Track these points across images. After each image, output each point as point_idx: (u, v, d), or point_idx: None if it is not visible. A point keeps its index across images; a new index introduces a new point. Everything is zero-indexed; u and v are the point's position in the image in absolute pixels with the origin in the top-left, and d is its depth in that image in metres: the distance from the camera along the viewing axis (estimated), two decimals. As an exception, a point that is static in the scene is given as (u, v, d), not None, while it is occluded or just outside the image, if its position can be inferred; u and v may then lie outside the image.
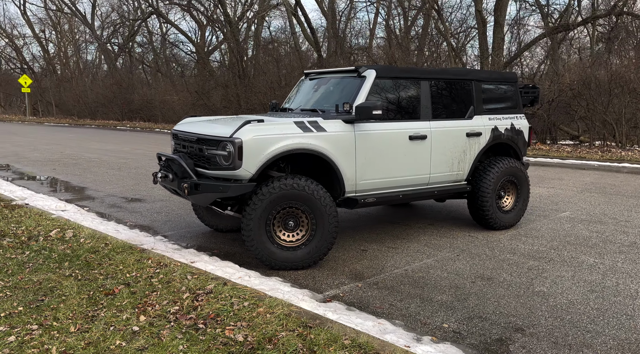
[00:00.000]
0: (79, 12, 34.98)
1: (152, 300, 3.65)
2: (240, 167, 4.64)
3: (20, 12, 38.64)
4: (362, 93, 5.37)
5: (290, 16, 26.00)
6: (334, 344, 3.05)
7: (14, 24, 45.72)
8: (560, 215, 7.27)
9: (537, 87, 7.14)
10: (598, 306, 4.14)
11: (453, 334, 3.64)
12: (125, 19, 32.80)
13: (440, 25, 23.56)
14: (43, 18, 37.82)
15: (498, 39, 22.03)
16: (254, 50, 28.30)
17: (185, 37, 31.06)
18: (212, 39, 33.04)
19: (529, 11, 28.00)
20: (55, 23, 37.91)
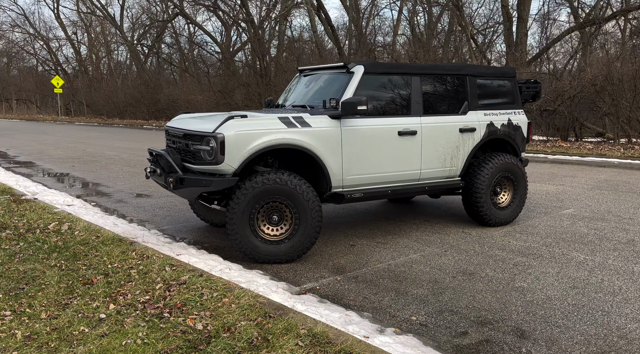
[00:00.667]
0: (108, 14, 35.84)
1: (126, 290, 3.78)
2: (223, 162, 4.74)
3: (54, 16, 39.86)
4: (349, 89, 5.40)
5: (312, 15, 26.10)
6: (289, 333, 3.11)
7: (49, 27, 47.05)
8: (562, 212, 7.15)
9: (538, 82, 7.04)
10: (575, 302, 4.09)
11: (419, 327, 3.66)
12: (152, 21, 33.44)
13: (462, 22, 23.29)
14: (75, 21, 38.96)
15: (521, 35, 21.68)
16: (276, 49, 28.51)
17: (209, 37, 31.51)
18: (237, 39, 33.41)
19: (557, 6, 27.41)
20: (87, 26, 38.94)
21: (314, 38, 27.02)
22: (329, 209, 7.35)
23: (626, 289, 4.37)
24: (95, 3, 35.66)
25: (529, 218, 6.86)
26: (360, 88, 5.45)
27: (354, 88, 5.40)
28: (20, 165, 12.04)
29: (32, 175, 10.38)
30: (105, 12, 35.47)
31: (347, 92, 5.38)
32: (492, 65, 8.46)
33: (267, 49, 26.95)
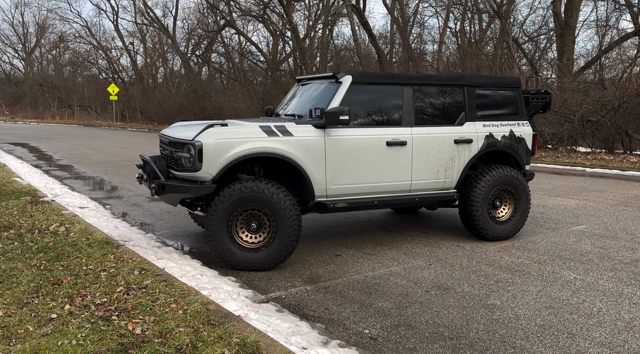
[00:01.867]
0: (162, 26, 37.22)
1: (88, 292, 3.92)
2: (201, 169, 4.85)
3: (114, 27, 41.82)
4: (336, 99, 5.41)
5: (353, 23, 26.15)
6: (220, 342, 3.15)
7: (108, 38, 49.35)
8: (572, 228, 6.86)
9: (549, 93, 6.80)
10: (544, 323, 3.92)
11: (367, 341, 3.61)
12: (204, 31, 34.46)
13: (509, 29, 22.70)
14: (132, 31, 40.72)
15: (568, 42, 20.93)
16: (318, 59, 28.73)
17: (255, 47, 32.10)
18: (282, 48, 33.93)
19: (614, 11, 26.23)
20: (143, 36, 40.62)
21: (355, 46, 27.04)
22: (328, 218, 7.35)
23: (605, 311, 4.14)
24: (151, 15, 37.18)
25: (533, 233, 6.61)
26: (348, 98, 5.44)
27: (341, 98, 5.40)
28: (59, 169, 12.66)
29: (63, 178, 10.90)
30: (159, 23, 36.86)
31: (334, 102, 5.39)
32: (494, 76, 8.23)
33: (308, 57, 27.19)
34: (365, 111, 5.57)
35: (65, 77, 50.12)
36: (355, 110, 5.49)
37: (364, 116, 5.56)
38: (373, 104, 5.62)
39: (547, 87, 19.74)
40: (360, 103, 5.54)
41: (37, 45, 58.97)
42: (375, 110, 5.63)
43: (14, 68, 64.04)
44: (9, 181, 9.36)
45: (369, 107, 5.59)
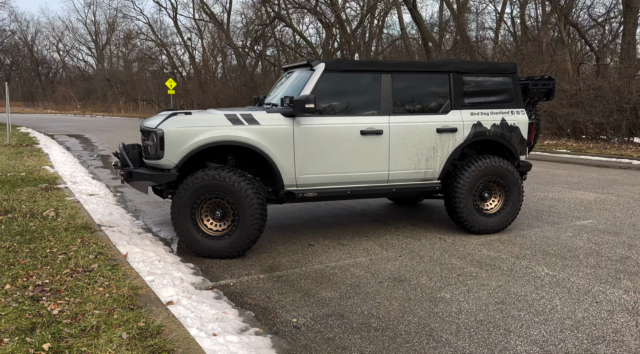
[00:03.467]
0: (217, 21, 38.09)
1: (35, 273, 4.11)
2: (163, 157, 4.95)
3: (173, 23, 43.21)
4: (307, 87, 5.36)
5: (400, 11, 25.69)
6: (124, 325, 3.21)
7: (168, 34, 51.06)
8: (575, 223, 6.47)
9: (552, 79, 6.42)
10: (484, 319, 3.74)
11: (290, 329, 3.57)
12: (254, 25, 34.98)
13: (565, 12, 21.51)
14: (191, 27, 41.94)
15: (629, 25, 19.62)
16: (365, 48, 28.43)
17: (304, 40, 32.21)
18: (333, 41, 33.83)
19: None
20: (200, 32, 41.74)
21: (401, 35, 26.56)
22: (323, 208, 7.30)
23: (559, 309, 3.90)
24: (207, 11, 38.12)
25: (530, 227, 6.29)
26: (321, 87, 5.38)
27: (312, 86, 5.35)
28: (95, 158, 13.27)
29: (95, 167, 11.42)
30: (214, 18, 37.74)
31: (305, 90, 5.35)
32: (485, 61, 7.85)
33: (355, 48, 26.99)
34: (340, 99, 5.48)
35: (131, 73, 52.36)
36: (329, 98, 5.42)
37: (338, 104, 5.47)
38: (348, 92, 5.52)
39: (607, 74, 18.58)
40: (335, 92, 5.46)
41: (108, 42, 61.98)
42: (351, 99, 5.52)
43: (87, 65, 67.73)
44: (38, 169, 9.92)
45: (343, 95, 5.50)
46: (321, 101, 5.37)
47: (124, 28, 54.30)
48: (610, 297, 4.13)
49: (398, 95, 5.64)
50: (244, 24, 38.40)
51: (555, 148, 15.63)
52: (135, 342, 2.99)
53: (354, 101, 5.53)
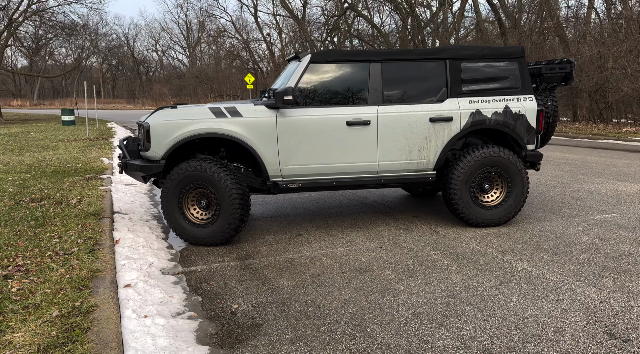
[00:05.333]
0: (294, 16, 38.73)
1: (24, 254, 4.52)
2: (150, 149, 5.23)
3: (254, 19, 44.53)
4: (293, 79, 5.43)
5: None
6: (60, 303, 3.47)
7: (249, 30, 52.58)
8: (594, 217, 6.03)
9: (570, 61, 6.00)
10: (422, 311, 3.65)
11: (226, 314, 3.69)
12: (329, 17, 35.18)
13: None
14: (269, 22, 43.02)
15: None
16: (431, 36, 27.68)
17: (376, 30, 31.89)
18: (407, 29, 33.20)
19: None
20: (279, 27, 42.71)
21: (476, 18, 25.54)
22: (333, 199, 7.32)
23: (511, 306, 3.72)
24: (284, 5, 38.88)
25: (540, 220, 5.96)
26: (308, 78, 5.43)
27: (297, 78, 5.41)
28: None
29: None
30: (291, 13, 38.43)
31: (291, 82, 5.42)
32: (487, 46, 7.39)
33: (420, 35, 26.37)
34: (326, 90, 5.49)
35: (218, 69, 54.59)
36: (315, 89, 5.45)
37: (325, 95, 5.48)
38: (335, 83, 5.51)
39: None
40: (321, 82, 5.47)
41: (199, 41, 65.03)
42: (337, 89, 5.51)
43: (181, 63, 71.51)
44: (95, 161, 10.74)
45: (330, 86, 5.50)
46: (306, 92, 5.42)
47: (212, 27, 56.65)
48: (576, 295, 3.86)
49: (389, 84, 5.54)
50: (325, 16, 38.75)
51: (632, 136, 14.46)
52: (60, 319, 3.24)
53: (341, 91, 5.52)
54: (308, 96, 5.44)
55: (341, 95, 5.51)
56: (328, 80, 5.50)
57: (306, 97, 5.43)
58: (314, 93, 5.45)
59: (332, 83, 5.50)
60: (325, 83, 5.49)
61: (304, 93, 5.42)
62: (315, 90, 5.45)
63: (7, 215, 5.97)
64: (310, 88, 5.44)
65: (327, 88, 5.49)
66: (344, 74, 5.52)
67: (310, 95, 5.44)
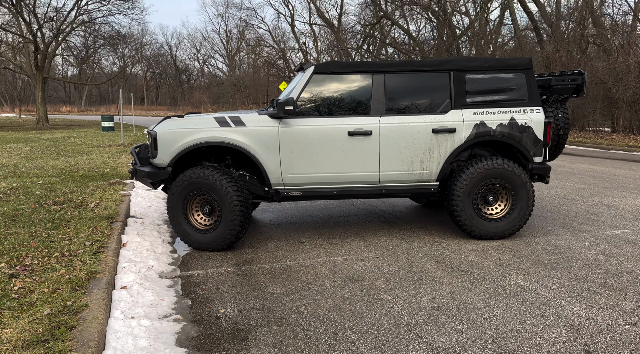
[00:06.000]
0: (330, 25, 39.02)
1: (33, 254, 4.75)
2: (157, 156, 5.43)
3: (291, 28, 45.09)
4: (296, 90, 5.54)
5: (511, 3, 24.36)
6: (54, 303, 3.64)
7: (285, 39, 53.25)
8: (604, 232, 5.90)
9: (582, 73, 5.91)
10: (403, 322, 3.67)
11: (210, 319, 3.80)
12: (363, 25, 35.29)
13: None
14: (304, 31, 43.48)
15: None
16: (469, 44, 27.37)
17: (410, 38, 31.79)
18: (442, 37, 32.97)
19: None
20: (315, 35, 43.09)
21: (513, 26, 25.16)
22: (344, 207, 7.37)
23: (494, 320, 3.70)
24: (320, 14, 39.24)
25: (547, 233, 5.87)
26: (311, 88, 5.53)
27: (301, 88, 5.52)
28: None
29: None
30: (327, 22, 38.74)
31: (294, 92, 5.53)
32: (492, 57, 7.27)
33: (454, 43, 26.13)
34: (329, 101, 5.57)
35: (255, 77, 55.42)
36: (318, 99, 5.54)
37: (327, 105, 5.57)
38: (337, 94, 5.59)
39: None
40: (324, 93, 5.56)
41: (238, 50, 66.18)
42: (340, 100, 5.59)
43: (220, 71, 72.90)
44: (122, 166, 11.11)
45: (332, 97, 5.58)
46: (309, 103, 5.52)
47: (251, 36, 57.59)
48: (563, 312, 3.81)
49: (392, 95, 5.58)
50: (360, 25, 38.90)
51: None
52: (49, 318, 3.42)
53: (344, 102, 5.59)
54: (311, 106, 5.53)
55: (344, 105, 5.59)
56: (331, 91, 5.58)
57: (309, 107, 5.53)
58: (317, 104, 5.54)
59: (334, 94, 5.58)
60: (327, 94, 5.57)
61: (307, 104, 5.52)
62: (318, 100, 5.55)
63: (28, 217, 6.27)
64: (313, 98, 5.54)
65: (330, 98, 5.58)
66: (347, 85, 5.60)
67: (313, 106, 5.54)
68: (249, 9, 65.55)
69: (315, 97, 5.54)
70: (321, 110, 5.55)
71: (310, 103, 5.54)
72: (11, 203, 7.14)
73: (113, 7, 32.78)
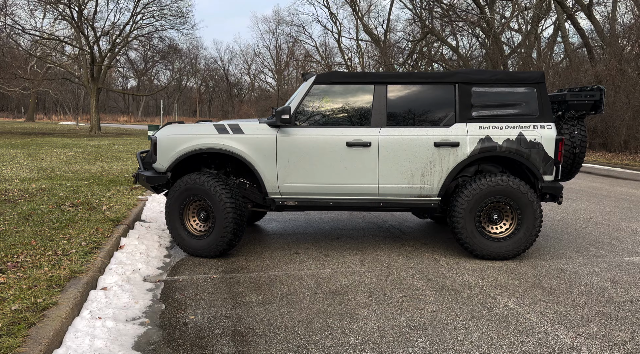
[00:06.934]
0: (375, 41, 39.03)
1: (28, 252, 4.86)
2: (156, 161, 5.49)
3: (337, 44, 45.45)
4: (296, 99, 5.51)
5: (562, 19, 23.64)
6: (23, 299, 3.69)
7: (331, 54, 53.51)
8: (621, 258, 5.54)
9: (600, 89, 5.61)
10: (370, 339, 3.52)
11: (178, 325, 3.76)
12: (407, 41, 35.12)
13: None
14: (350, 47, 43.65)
15: None
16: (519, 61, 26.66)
17: (455, 53, 31.32)
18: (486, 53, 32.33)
19: None
20: (361, 51, 43.22)
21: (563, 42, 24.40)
22: (347, 220, 7.22)
23: (468, 342, 3.49)
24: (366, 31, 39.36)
25: (558, 256, 5.56)
26: (311, 98, 5.48)
27: (301, 98, 5.47)
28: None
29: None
30: (372, 37, 38.78)
31: (294, 101, 5.50)
32: (501, 71, 6.93)
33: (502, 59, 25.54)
34: (328, 110, 5.50)
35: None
36: (317, 109, 5.48)
37: (326, 115, 5.49)
38: (338, 104, 5.51)
39: None
40: (324, 103, 5.50)
41: (287, 65, 67.15)
42: (340, 110, 5.50)
43: (269, 86, 74.07)
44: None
45: (332, 107, 5.51)
46: (308, 112, 5.46)
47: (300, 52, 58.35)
48: (546, 339, 3.55)
49: (393, 107, 5.46)
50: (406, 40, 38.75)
51: None
52: (14, 313, 3.46)
53: (344, 112, 5.50)
54: (310, 116, 5.48)
55: (344, 116, 5.50)
56: (331, 101, 5.50)
57: (308, 116, 5.47)
58: (316, 113, 5.48)
59: (334, 104, 5.51)
60: (327, 103, 5.50)
61: (306, 113, 5.47)
62: (317, 110, 5.48)
63: (41, 217, 6.46)
64: (312, 108, 5.48)
65: (330, 108, 5.50)
66: (348, 95, 5.51)
67: (312, 115, 5.48)
68: (298, 25, 66.32)
69: (315, 106, 5.48)
70: (320, 120, 5.48)
71: (310, 112, 5.48)
72: (33, 203, 7.38)
73: (166, 22, 33.95)
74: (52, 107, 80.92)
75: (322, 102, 5.50)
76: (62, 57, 39.50)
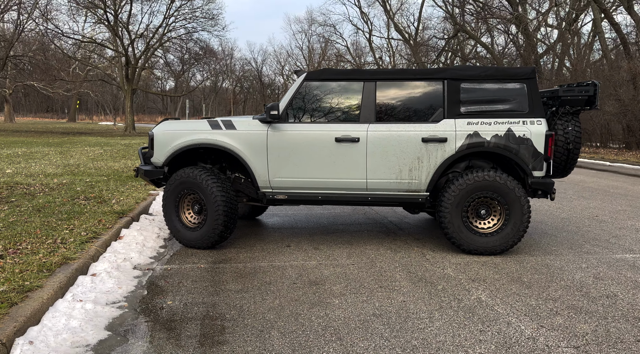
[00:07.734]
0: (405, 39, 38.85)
1: (31, 240, 5.16)
2: (153, 156, 5.73)
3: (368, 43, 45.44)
4: (287, 96, 5.66)
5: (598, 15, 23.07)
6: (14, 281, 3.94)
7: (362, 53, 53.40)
8: (613, 255, 5.48)
9: (594, 84, 5.56)
10: (332, 325, 3.64)
11: (154, 309, 3.95)
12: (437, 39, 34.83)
13: None
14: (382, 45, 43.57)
15: None
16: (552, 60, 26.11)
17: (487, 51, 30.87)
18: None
19: None
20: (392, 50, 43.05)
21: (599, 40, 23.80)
22: (357, 215, 7.32)
23: (428, 331, 3.58)
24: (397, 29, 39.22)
25: (549, 253, 5.54)
26: (301, 95, 5.62)
27: (292, 94, 5.62)
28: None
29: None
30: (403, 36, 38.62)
31: (285, 98, 5.65)
32: (492, 66, 6.85)
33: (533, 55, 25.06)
34: (318, 107, 5.63)
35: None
36: (307, 105, 5.62)
37: (316, 112, 5.62)
38: (327, 100, 5.63)
39: None
40: (314, 100, 5.63)
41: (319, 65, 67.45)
42: (329, 106, 5.62)
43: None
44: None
45: (322, 103, 5.63)
46: (299, 108, 5.61)
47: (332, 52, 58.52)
48: (506, 329, 3.60)
49: (382, 103, 5.54)
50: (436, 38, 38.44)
51: None
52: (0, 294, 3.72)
53: (334, 109, 5.62)
54: (300, 112, 5.61)
55: (333, 112, 5.61)
56: (321, 98, 5.63)
57: (299, 112, 5.61)
58: (306, 110, 5.61)
59: (324, 100, 5.63)
60: (317, 100, 5.63)
61: (296, 109, 5.61)
62: (308, 106, 5.62)
63: (53, 209, 6.80)
64: (302, 104, 5.62)
65: (320, 105, 5.63)
66: (338, 92, 5.62)
67: (302, 111, 5.62)
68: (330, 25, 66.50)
69: (305, 103, 5.62)
70: (310, 116, 5.61)
71: (300, 108, 5.62)
72: (49, 196, 7.75)
73: (197, 24, 34.66)
74: (94, 107, 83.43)
75: (312, 98, 5.63)
76: (101, 59, 40.84)
